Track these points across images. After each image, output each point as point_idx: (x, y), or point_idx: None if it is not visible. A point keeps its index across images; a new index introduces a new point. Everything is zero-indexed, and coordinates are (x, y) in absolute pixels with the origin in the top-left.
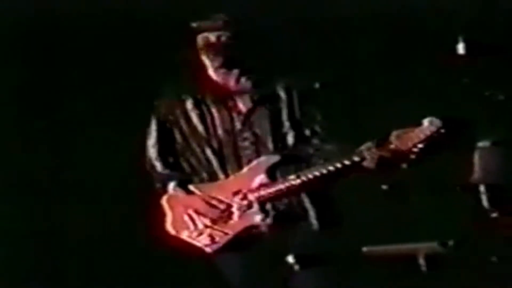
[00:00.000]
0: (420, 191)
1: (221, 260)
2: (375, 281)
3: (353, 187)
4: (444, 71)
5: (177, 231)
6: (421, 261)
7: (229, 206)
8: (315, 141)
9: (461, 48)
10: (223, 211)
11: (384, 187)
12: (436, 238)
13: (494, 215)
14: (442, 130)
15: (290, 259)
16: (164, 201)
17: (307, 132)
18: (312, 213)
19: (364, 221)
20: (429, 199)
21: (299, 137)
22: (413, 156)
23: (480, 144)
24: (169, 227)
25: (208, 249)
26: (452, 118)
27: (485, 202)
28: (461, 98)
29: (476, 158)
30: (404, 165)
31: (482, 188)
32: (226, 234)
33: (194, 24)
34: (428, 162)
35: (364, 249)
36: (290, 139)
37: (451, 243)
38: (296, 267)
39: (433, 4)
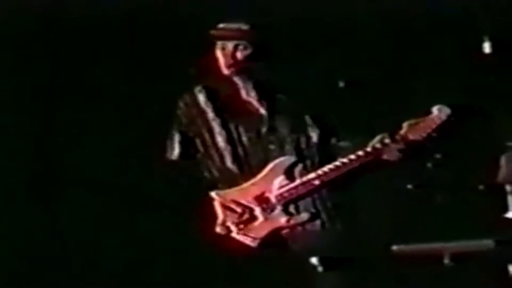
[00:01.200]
0: (445, 191)
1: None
2: (400, 281)
3: (379, 187)
4: (470, 69)
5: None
6: (447, 260)
7: (250, 209)
8: (332, 140)
9: (487, 47)
10: (241, 214)
11: (410, 186)
12: (461, 238)
13: None
14: (452, 118)
15: (314, 260)
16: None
17: (326, 131)
18: (333, 214)
19: (389, 221)
20: (454, 198)
21: (322, 137)
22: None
23: (508, 143)
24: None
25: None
26: (461, 105)
27: (511, 202)
28: (487, 98)
29: (503, 158)
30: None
31: (508, 187)
32: (252, 238)
33: (213, 32)
34: (453, 161)
35: (394, 247)
36: (313, 139)
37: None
38: (320, 268)
39: (459, 2)
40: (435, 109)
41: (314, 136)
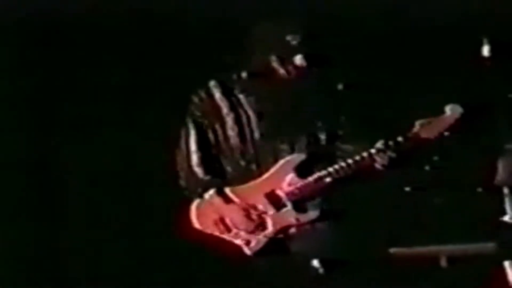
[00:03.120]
0: (443, 193)
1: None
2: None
3: (376, 189)
4: (468, 73)
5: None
6: (444, 263)
7: (264, 214)
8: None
9: (486, 51)
10: (258, 221)
11: (407, 189)
12: (458, 240)
13: None
14: (465, 117)
15: (315, 263)
16: (194, 207)
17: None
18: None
19: (386, 223)
20: (452, 201)
21: (331, 138)
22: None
23: (506, 146)
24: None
25: (247, 251)
26: (473, 105)
27: (508, 204)
28: (485, 100)
29: (501, 160)
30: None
31: (505, 190)
32: (260, 237)
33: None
34: (451, 164)
35: (392, 250)
36: (322, 140)
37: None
38: (321, 270)
39: (458, 5)
40: (447, 109)
41: (323, 137)
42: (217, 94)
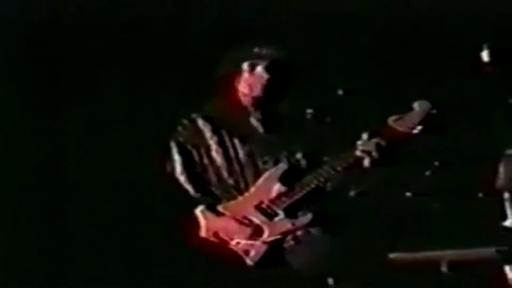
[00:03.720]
0: (443, 198)
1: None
2: None
3: (376, 194)
4: (468, 78)
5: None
6: (445, 268)
7: (258, 224)
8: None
9: (485, 56)
10: (254, 229)
11: (408, 194)
12: (459, 246)
13: None
14: (434, 111)
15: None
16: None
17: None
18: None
19: (386, 229)
20: (452, 206)
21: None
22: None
23: (507, 151)
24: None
25: (248, 261)
26: (459, 113)
27: (509, 209)
28: (485, 105)
29: (501, 164)
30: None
31: (506, 195)
32: (259, 246)
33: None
34: (451, 169)
35: (392, 255)
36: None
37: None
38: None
39: (458, 7)
40: (415, 104)
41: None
42: (200, 121)
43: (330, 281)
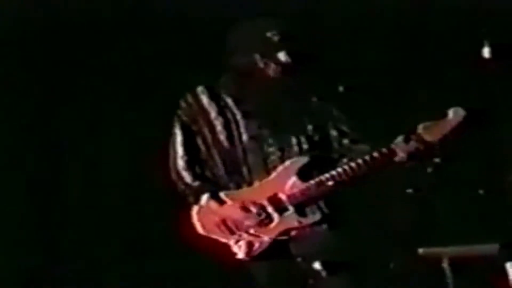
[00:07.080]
0: (445, 195)
1: (251, 265)
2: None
3: (378, 191)
4: (470, 74)
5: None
6: (446, 265)
7: (266, 210)
8: (345, 141)
9: (486, 52)
10: (259, 214)
11: (409, 190)
12: (460, 242)
13: None
14: (468, 120)
15: (317, 265)
16: (194, 214)
17: (334, 133)
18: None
19: (388, 225)
20: (454, 202)
21: (324, 140)
22: (441, 148)
23: None
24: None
25: (245, 256)
26: (476, 109)
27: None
28: (487, 102)
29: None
30: (436, 159)
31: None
32: (263, 240)
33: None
34: (453, 166)
35: (394, 251)
36: (315, 142)
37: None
38: (324, 273)
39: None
40: (450, 112)
41: (317, 138)
42: (205, 99)
43: (317, 265)
